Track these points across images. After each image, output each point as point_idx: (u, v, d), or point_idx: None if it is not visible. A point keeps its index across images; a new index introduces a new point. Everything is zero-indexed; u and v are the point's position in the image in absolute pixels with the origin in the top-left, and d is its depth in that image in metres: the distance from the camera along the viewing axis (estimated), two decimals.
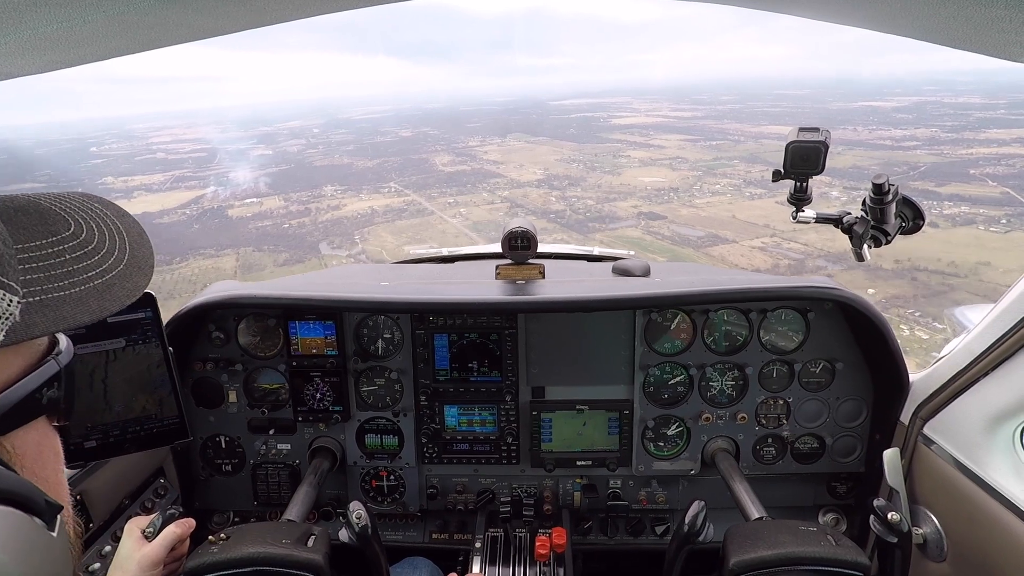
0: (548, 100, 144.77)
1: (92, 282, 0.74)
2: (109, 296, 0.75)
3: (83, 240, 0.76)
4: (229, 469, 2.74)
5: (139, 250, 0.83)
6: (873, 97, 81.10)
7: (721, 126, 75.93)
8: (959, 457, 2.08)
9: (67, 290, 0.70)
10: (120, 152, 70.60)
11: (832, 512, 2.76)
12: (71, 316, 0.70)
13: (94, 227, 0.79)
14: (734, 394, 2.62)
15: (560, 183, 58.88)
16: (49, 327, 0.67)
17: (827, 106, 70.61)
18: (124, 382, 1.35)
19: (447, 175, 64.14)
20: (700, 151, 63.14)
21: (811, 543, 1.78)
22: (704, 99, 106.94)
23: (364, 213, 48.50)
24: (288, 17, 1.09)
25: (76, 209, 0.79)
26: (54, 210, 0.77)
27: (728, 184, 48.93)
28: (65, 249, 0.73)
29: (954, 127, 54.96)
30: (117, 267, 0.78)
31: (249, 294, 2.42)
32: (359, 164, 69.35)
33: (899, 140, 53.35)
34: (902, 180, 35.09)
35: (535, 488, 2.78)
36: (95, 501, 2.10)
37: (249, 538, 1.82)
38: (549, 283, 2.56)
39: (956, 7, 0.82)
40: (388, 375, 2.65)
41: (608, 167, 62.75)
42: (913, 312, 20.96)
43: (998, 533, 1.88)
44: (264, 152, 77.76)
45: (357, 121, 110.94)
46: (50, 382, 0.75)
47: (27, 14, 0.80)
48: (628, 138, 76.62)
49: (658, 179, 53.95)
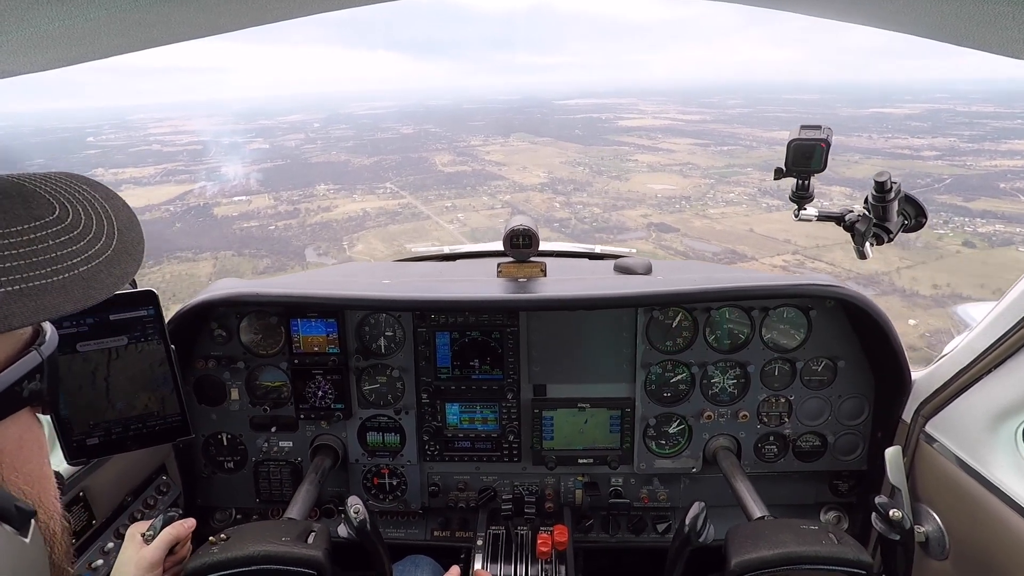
0: (553, 99, 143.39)
1: (77, 269, 0.70)
2: (95, 283, 0.71)
3: (68, 224, 0.72)
4: (231, 467, 2.74)
5: (128, 234, 0.79)
6: (882, 104, 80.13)
7: (731, 130, 74.86)
8: (961, 455, 2.08)
9: (50, 278, 0.67)
10: (116, 143, 69.48)
11: (834, 510, 2.76)
12: (54, 305, 0.66)
13: (80, 210, 0.75)
14: (736, 392, 2.62)
15: (565, 187, 57.39)
16: (30, 317, 0.64)
17: (837, 112, 69.61)
18: (126, 380, 1.35)
19: (446, 176, 62.77)
20: (711, 157, 61.54)
21: (813, 542, 1.78)
22: (712, 102, 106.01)
23: (355, 216, 46.91)
24: (289, 15, 1.09)
25: (61, 191, 0.76)
26: (38, 192, 0.73)
27: (743, 193, 47.22)
28: (49, 234, 0.70)
29: (972, 137, 53.94)
30: (104, 252, 0.74)
31: (251, 292, 2.43)
32: (356, 162, 67.89)
33: (917, 149, 52.23)
34: (927, 193, 33.98)
35: (537, 486, 2.78)
36: (98, 498, 2.11)
37: (249, 537, 1.83)
38: (551, 281, 2.56)
39: (958, 4, 0.82)
40: (390, 373, 2.65)
41: (615, 171, 61.17)
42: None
43: (1000, 531, 1.87)
44: (261, 146, 76.40)
45: (359, 116, 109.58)
46: (32, 374, 0.72)
47: (29, 12, 0.80)
48: (635, 141, 75.18)
49: (668, 186, 52.34)
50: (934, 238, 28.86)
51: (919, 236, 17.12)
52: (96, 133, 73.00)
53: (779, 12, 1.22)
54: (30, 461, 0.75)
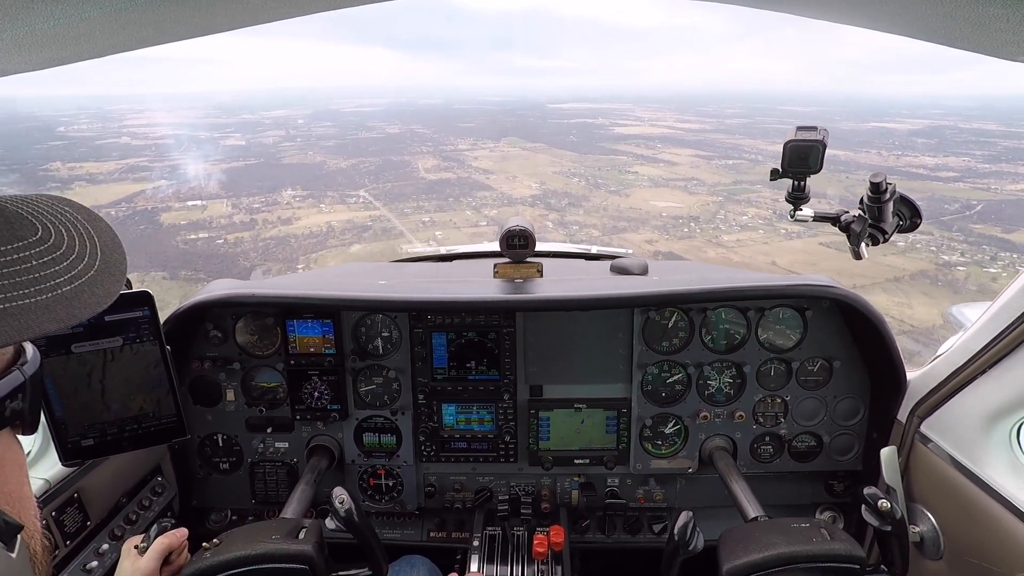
0: (546, 103, 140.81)
1: (60, 288, 0.70)
2: (78, 303, 0.71)
3: (51, 245, 0.72)
4: (227, 467, 2.73)
5: (111, 255, 0.79)
6: (882, 118, 78.35)
7: (734, 141, 72.82)
8: (956, 455, 2.09)
9: (33, 297, 0.67)
10: (85, 134, 65.37)
11: (829, 510, 2.77)
12: (36, 324, 0.65)
13: (63, 231, 0.75)
14: (732, 392, 2.63)
15: (559, 201, 53.45)
16: (12, 336, 0.63)
17: (838, 125, 67.30)
18: (121, 381, 1.34)
19: (428, 184, 58.51)
20: (716, 171, 58.67)
21: (803, 541, 1.78)
22: (710, 111, 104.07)
23: (317, 232, 42.29)
24: (284, 15, 1.09)
25: (44, 212, 0.76)
26: (20, 214, 0.74)
27: (757, 216, 43.50)
28: (32, 255, 0.70)
29: (987, 157, 51.96)
30: (88, 273, 0.74)
31: (247, 293, 2.42)
32: (332, 164, 63.95)
33: (933, 170, 49.45)
34: (961, 222, 31.52)
35: (533, 486, 2.78)
36: (93, 499, 2.10)
37: (240, 540, 1.84)
38: (547, 281, 2.56)
39: (954, 5, 0.82)
40: (386, 374, 2.65)
41: (614, 185, 57.72)
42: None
43: (995, 531, 1.88)
44: (237, 143, 72.29)
45: (346, 113, 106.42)
46: (13, 393, 0.72)
47: (23, 11, 0.80)
48: (634, 150, 72.79)
49: (673, 204, 48.80)
50: (988, 279, 26.39)
51: (968, 277, 16.60)
52: (70, 123, 68.88)
53: (774, 23, 1.23)
54: (9, 481, 0.75)
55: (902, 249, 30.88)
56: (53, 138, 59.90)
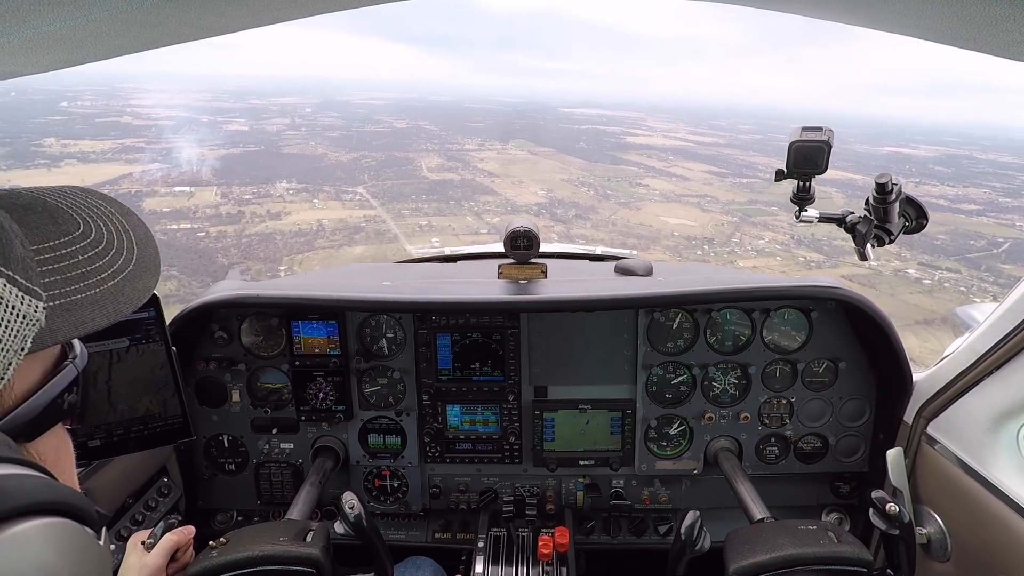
0: (557, 106, 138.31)
1: (106, 284, 0.72)
2: (122, 298, 0.73)
3: (93, 240, 0.74)
4: (232, 468, 2.74)
5: (145, 249, 0.81)
6: (896, 142, 76.37)
7: (747, 158, 71.21)
8: (963, 456, 2.07)
9: (83, 292, 0.69)
10: (88, 111, 63.62)
11: (836, 512, 2.75)
12: (90, 319, 0.68)
13: (102, 226, 0.77)
14: (737, 394, 2.62)
15: (565, 212, 51.39)
16: (71, 332, 0.66)
17: (853, 147, 65.72)
18: (128, 382, 1.35)
19: (429, 184, 56.18)
20: (731, 190, 56.81)
21: (810, 543, 1.78)
22: (722, 125, 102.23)
23: (307, 230, 39.76)
24: (290, 16, 1.09)
25: (82, 207, 0.78)
26: (61, 208, 0.75)
27: (773, 240, 42.10)
28: (78, 250, 0.71)
29: (1007, 191, 50.43)
30: (127, 268, 0.76)
31: (252, 294, 2.43)
32: (333, 156, 61.72)
33: (953, 201, 47.71)
34: (988, 260, 30.52)
35: (538, 487, 2.78)
36: (99, 500, 2.11)
37: (247, 539, 1.84)
38: (551, 282, 2.56)
39: (959, 5, 0.82)
40: (391, 375, 2.65)
41: (624, 197, 55.89)
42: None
43: (1002, 532, 1.87)
44: (240, 128, 70.43)
45: (355, 105, 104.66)
46: (70, 387, 0.75)
47: (30, 13, 0.80)
48: (645, 161, 70.96)
49: (686, 221, 47.30)
50: None
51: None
52: (74, 99, 66.61)
53: (789, 39, 1.22)
54: (65, 472, 0.77)
55: (928, 288, 30.46)
56: (53, 113, 58.31)
